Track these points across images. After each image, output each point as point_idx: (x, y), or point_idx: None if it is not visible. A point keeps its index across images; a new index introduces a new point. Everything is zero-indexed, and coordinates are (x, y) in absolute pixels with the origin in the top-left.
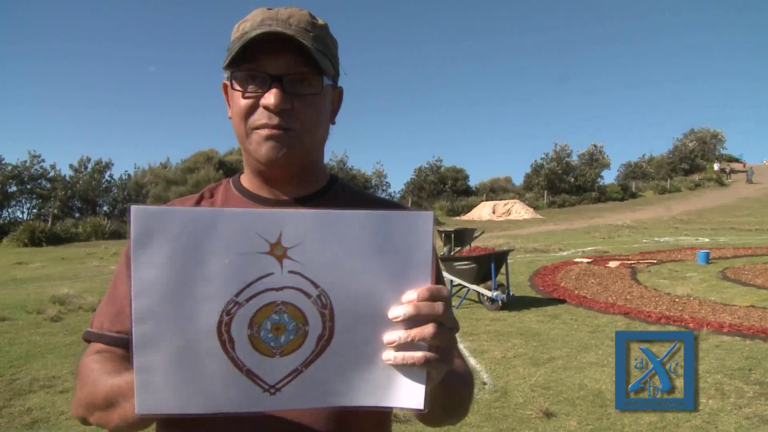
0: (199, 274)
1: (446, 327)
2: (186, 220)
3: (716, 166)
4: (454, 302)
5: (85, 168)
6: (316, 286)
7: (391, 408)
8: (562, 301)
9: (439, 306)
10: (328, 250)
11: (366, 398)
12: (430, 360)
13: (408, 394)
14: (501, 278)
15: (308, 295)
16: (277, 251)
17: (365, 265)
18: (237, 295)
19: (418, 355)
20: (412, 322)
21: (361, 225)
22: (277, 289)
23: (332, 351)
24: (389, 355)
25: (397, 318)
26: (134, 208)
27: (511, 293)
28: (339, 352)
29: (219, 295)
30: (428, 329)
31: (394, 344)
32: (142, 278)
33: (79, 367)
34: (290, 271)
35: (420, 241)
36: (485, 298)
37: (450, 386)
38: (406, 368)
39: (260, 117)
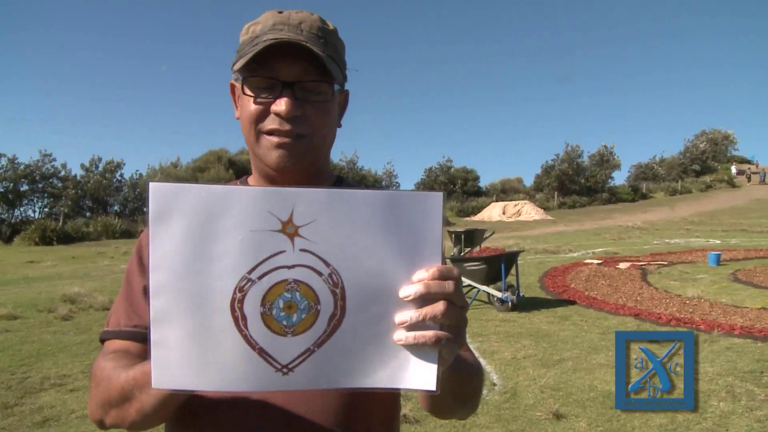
0: (213, 251)
1: (457, 306)
2: (201, 197)
3: (734, 170)
4: None
5: (96, 167)
6: (327, 265)
7: (402, 389)
8: (572, 303)
9: (449, 285)
10: (340, 229)
11: (378, 379)
12: (441, 338)
13: (420, 375)
14: (511, 279)
15: (320, 274)
16: (289, 229)
17: (376, 244)
18: (250, 272)
19: (430, 333)
20: (423, 301)
21: (372, 204)
22: (289, 267)
23: (344, 331)
24: (401, 335)
25: (408, 297)
26: (152, 185)
27: (521, 294)
28: (351, 331)
29: (232, 272)
30: (439, 308)
31: (405, 324)
32: (159, 253)
33: (92, 369)
34: (302, 250)
35: (430, 221)
36: (495, 299)
37: (461, 372)
38: (417, 348)
39: (271, 122)
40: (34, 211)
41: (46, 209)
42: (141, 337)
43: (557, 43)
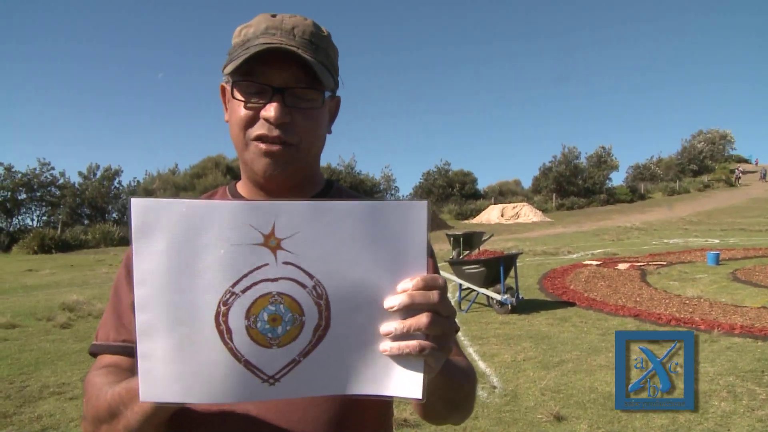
0: (196, 265)
1: (442, 316)
2: (182, 212)
3: (738, 171)
4: (464, 306)
5: (94, 175)
6: (311, 277)
7: (389, 397)
8: (572, 304)
9: (434, 294)
10: (323, 241)
11: (364, 387)
12: (425, 348)
13: (406, 384)
14: (510, 281)
15: (303, 286)
16: (271, 242)
17: (360, 255)
18: (233, 286)
19: (414, 343)
20: (407, 311)
21: (355, 215)
22: (273, 280)
23: (329, 341)
24: (386, 346)
25: (392, 308)
26: (134, 201)
27: (520, 296)
28: (336, 342)
29: (216, 286)
30: (423, 318)
31: (390, 335)
32: (142, 268)
33: (84, 384)
34: (285, 262)
35: (415, 231)
36: (494, 301)
37: (451, 378)
38: (402, 357)
39: (260, 128)
40: (33, 220)
41: (45, 217)
42: (130, 351)
43: (553, 45)
